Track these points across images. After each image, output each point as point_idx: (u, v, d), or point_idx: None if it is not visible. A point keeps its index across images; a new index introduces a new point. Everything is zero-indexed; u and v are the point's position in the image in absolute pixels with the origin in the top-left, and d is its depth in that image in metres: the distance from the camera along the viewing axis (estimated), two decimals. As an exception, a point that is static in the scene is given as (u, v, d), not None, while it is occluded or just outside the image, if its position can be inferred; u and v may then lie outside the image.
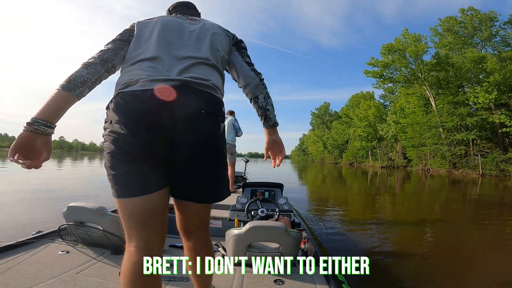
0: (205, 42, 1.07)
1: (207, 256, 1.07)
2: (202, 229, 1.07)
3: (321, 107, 75.25)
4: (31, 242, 1.79)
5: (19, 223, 3.89)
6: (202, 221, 1.07)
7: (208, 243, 1.10)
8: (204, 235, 1.08)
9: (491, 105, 21.64)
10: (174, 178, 0.97)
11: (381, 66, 29.00)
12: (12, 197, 6.00)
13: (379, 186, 13.07)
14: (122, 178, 0.90)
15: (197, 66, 1.01)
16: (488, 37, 23.77)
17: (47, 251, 1.69)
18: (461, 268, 2.96)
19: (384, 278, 2.62)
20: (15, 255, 1.58)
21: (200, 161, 0.96)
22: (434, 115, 25.81)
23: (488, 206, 7.87)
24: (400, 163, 33.75)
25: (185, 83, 0.94)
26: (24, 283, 1.31)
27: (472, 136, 22.54)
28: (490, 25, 23.48)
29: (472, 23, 23.96)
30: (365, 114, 40.16)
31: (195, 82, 0.95)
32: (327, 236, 3.77)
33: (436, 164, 25.08)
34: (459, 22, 24.70)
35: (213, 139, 0.97)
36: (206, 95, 0.97)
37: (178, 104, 0.91)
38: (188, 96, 0.93)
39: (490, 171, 20.39)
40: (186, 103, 0.92)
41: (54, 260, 1.57)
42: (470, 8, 24.06)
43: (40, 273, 1.41)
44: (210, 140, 0.97)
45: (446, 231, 4.76)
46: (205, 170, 0.97)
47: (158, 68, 0.96)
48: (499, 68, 19.75)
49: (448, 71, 25.04)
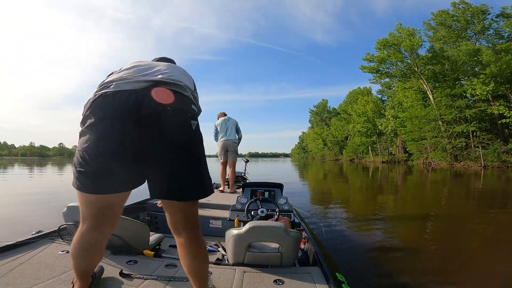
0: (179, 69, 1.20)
1: (199, 253, 1.07)
2: (191, 228, 1.07)
3: (319, 105, 75.26)
4: (31, 242, 1.78)
5: (19, 223, 3.84)
6: (189, 219, 1.06)
7: (199, 240, 1.09)
8: (194, 234, 1.07)
9: (489, 96, 21.67)
10: (150, 178, 1.03)
11: (377, 61, 29.00)
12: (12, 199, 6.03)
13: (381, 182, 12.97)
14: (86, 176, 0.96)
15: (171, 71, 1.11)
16: (481, 30, 23.72)
17: (47, 251, 1.69)
18: (464, 265, 2.92)
19: (384, 277, 2.59)
20: (15, 255, 1.57)
21: (172, 159, 0.99)
22: (433, 108, 25.82)
23: (492, 198, 7.78)
24: (401, 158, 33.75)
25: (157, 83, 1.00)
26: (24, 283, 1.30)
27: (472, 128, 22.54)
28: (482, 18, 23.43)
29: (465, 16, 23.90)
30: (363, 110, 40.14)
31: (166, 82, 1.02)
32: (327, 236, 3.76)
33: (437, 157, 25.07)
34: (451, 15, 24.63)
35: (183, 136, 1.00)
36: (177, 94, 1.02)
37: (145, 104, 0.95)
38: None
39: (492, 162, 20.36)
40: (155, 102, 0.96)
41: (54, 260, 1.56)
42: (461, 1, 23.96)
43: (40, 273, 1.40)
44: (180, 136, 0.99)
45: (449, 226, 4.70)
46: (178, 167, 0.99)
47: (133, 73, 1.05)
48: (494, 60, 19.74)
49: (444, 64, 25.04)
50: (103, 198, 1.00)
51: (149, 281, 1.41)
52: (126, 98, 0.95)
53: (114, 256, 1.68)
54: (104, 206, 1.02)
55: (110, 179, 0.97)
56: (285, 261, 1.65)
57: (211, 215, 3.01)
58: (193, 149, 1.04)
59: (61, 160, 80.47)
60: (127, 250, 1.72)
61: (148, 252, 1.80)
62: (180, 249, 1.07)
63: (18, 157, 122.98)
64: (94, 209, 1.02)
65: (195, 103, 1.11)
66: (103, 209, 1.03)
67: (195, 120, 1.04)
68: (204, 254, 1.10)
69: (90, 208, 1.02)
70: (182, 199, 1.02)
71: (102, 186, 0.98)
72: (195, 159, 1.04)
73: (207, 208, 3.32)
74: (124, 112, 0.94)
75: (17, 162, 43.83)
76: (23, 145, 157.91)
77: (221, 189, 4.71)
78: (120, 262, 1.58)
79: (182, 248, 1.06)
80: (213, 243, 2.41)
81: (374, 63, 29.47)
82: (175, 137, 0.98)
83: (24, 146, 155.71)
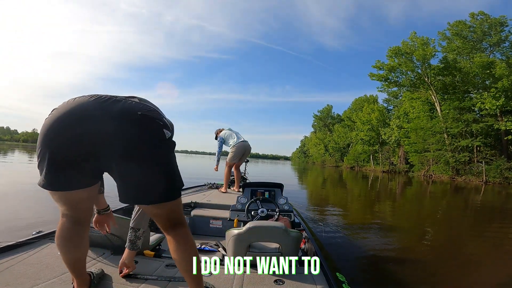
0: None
1: (186, 248, 1.08)
2: (176, 226, 1.08)
3: (324, 110, 74.85)
4: (31, 242, 1.78)
5: (19, 223, 3.89)
6: (169, 219, 1.08)
7: (185, 236, 1.10)
8: (180, 231, 1.09)
9: (497, 111, 21.29)
10: (118, 183, 1.00)
11: (387, 69, 28.62)
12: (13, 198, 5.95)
13: (380, 191, 13.07)
14: (49, 176, 0.97)
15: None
16: (497, 42, 23.44)
17: (47, 251, 1.69)
18: (460, 274, 2.96)
19: (384, 277, 2.63)
20: (15, 255, 1.58)
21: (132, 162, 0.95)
22: (439, 120, 25.39)
23: (490, 213, 7.89)
24: (402, 168, 33.49)
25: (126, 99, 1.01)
26: (24, 283, 1.30)
27: (478, 143, 22.14)
28: (500, 30, 23.15)
29: (482, 27, 23.59)
30: (368, 118, 39.79)
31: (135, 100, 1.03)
32: (327, 236, 3.74)
33: (439, 170, 24.75)
34: (468, 26, 24.35)
35: (145, 141, 0.96)
36: (143, 105, 1.01)
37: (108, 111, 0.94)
38: (125, 103, 0.98)
39: (494, 178, 20.12)
40: (119, 108, 0.95)
41: (54, 260, 1.56)
42: (480, 12, 23.70)
43: (40, 273, 1.41)
44: (141, 141, 0.96)
45: (446, 237, 4.67)
46: (138, 171, 0.96)
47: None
48: (507, 73, 19.42)
49: (455, 76, 24.68)
50: (66, 194, 1.04)
51: (149, 281, 1.42)
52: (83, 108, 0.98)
53: (114, 256, 1.68)
54: (72, 200, 1.07)
55: (67, 179, 1.00)
56: None
57: (211, 215, 3.02)
58: (152, 153, 1.01)
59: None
60: None
61: (148, 252, 1.81)
62: (169, 244, 1.09)
63: (19, 143, 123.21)
64: (65, 203, 1.07)
65: (163, 115, 1.12)
66: (75, 204, 1.08)
67: (165, 128, 1.03)
68: (191, 249, 1.10)
69: (60, 202, 1.07)
70: (147, 203, 1.04)
71: (61, 184, 1.00)
72: (156, 162, 1.02)
73: (207, 208, 3.32)
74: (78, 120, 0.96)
75: (18, 148, 43.97)
76: (25, 131, 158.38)
77: (223, 191, 4.56)
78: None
79: (170, 243, 1.08)
80: (213, 243, 2.47)
81: (384, 71, 29.13)
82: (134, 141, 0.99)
83: (27, 132, 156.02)
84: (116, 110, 0.93)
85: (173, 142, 1.05)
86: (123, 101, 0.98)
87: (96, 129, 0.91)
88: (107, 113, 0.92)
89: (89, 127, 0.91)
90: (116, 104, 0.96)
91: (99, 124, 0.91)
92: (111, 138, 0.92)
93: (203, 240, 2.58)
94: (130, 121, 0.93)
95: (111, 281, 1.40)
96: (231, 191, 4.65)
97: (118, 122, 0.92)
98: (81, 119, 0.92)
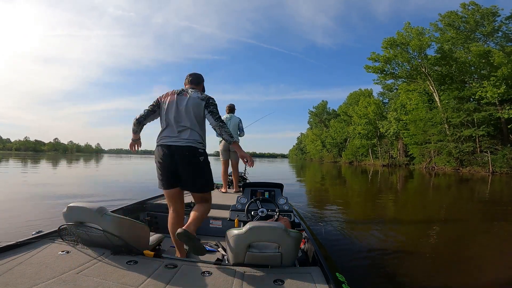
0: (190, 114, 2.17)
1: (202, 209, 2.14)
2: (202, 201, 2.20)
3: (319, 106, 74.42)
4: (31, 242, 1.78)
5: (19, 223, 3.91)
6: (200, 198, 2.21)
7: (206, 205, 2.21)
8: (203, 203, 2.20)
9: (495, 100, 20.98)
10: (182, 182, 2.15)
11: (382, 61, 28.19)
12: (13, 198, 6.06)
13: (381, 185, 12.68)
14: (161, 180, 2.17)
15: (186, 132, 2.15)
16: (491, 32, 23.22)
17: (47, 251, 1.69)
18: (464, 270, 2.92)
19: (384, 277, 2.63)
20: (15, 255, 1.58)
21: (188, 173, 2.12)
22: (439, 111, 24.96)
23: (499, 204, 7.58)
24: (402, 161, 33.03)
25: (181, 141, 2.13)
26: (24, 283, 1.30)
27: (481, 132, 21.73)
28: (492, 20, 22.95)
29: (474, 17, 23.38)
30: (365, 112, 39.25)
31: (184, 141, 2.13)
32: (327, 236, 3.75)
33: (442, 162, 24.28)
34: (460, 17, 24.13)
35: (194, 164, 2.12)
36: (188, 147, 2.11)
37: (177, 151, 2.10)
38: (182, 147, 2.11)
39: (501, 168, 19.74)
40: (181, 150, 2.10)
41: (54, 260, 1.57)
42: (471, 2, 23.49)
43: (40, 273, 1.40)
44: (192, 164, 2.12)
45: (452, 233, 4.49)
46: (191, 177, 2.12)
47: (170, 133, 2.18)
48: (506, 61, 19.16)
49: (451, 66, 24.35)
50: (169, 191, 2.19)
51: (149, 281, 1.40)
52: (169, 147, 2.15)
53: (114, 256, 1.67)
54: (173, 194, 2.20)
55: (167, 181, 2.17)
56: (285, 261, 1.64)
57: (211, 215, 2.98)
58: (200, 169, 2.17)
59: (55, 155, 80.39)
60: (127, 250, 1.71)
61: (148, 252, 1.78)
62: (196, 206, 2.18)
63: (12, 152, 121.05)
64: (169, 197, 2.21)
65: (202, 147, 2.22)
66: (173, 197, 2.21)
67: (202, 156, 2.16)
68: (207, 207, 2.22)
69: (167, 197, 2.23)
70: (193, 191, 2.23)
71: (165, 185, 2.17)
72: (200, 174, 2.18)
73: None
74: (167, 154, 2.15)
75: (11, 157, 43.50)
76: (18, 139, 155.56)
77: (223, 191, 4.46)
78: (120, 262, 1.58)
79: (196, 206, 2.17)
80: (213, 243, 2.54)
81: (379, 63, 28.66)
82: (190, 164, 2.15)
83: (19, 140, 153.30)
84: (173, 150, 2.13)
85: (205, 157, 2.18)
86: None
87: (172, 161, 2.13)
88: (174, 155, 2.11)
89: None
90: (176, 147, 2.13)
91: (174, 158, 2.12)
92: (179, 164, 2.11)
93: (203, 240, 2.51)
94: (184, 156, 2.10)
95: (111, 281, 1.38)
96: (230, 191, 4.62)
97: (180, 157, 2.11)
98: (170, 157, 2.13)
